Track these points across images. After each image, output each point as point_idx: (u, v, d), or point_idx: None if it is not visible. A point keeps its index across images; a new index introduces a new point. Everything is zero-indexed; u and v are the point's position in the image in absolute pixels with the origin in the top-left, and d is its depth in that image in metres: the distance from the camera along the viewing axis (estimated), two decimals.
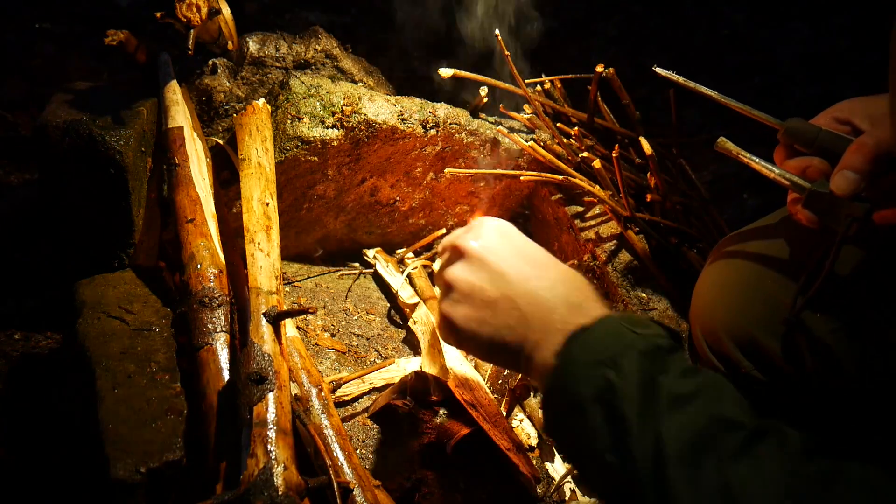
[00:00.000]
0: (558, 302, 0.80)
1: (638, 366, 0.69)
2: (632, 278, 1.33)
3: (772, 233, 1.02)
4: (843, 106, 0.95)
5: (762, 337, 0.94)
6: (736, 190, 1.99)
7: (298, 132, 1.30)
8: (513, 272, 0.83)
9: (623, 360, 0.70)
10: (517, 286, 0.82)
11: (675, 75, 1.00)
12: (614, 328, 0.74)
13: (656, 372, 0.69)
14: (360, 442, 1.12)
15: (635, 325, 0.74)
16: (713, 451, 0.63)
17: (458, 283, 0.85)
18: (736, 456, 0.62)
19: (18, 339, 1.30)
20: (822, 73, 2.41)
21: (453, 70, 1.46)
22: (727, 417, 0.65)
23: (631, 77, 1.55)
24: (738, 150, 0.93)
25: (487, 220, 0.90)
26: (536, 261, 0.86)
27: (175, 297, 1.13)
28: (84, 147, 1.16)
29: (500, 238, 0.87)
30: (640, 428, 0.66)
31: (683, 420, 0.65)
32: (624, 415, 0.67)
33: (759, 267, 1.00)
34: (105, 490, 0.87)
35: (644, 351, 0.71)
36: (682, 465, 0.63)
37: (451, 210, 1.54)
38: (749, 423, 0.65)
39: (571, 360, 0.74)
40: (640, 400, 0.67)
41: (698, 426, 0.65)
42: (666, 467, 0.63)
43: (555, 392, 0.75)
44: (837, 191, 0.83)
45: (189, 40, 1.26)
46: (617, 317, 0.77)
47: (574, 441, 0.72)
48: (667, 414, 0.65)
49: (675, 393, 0.67)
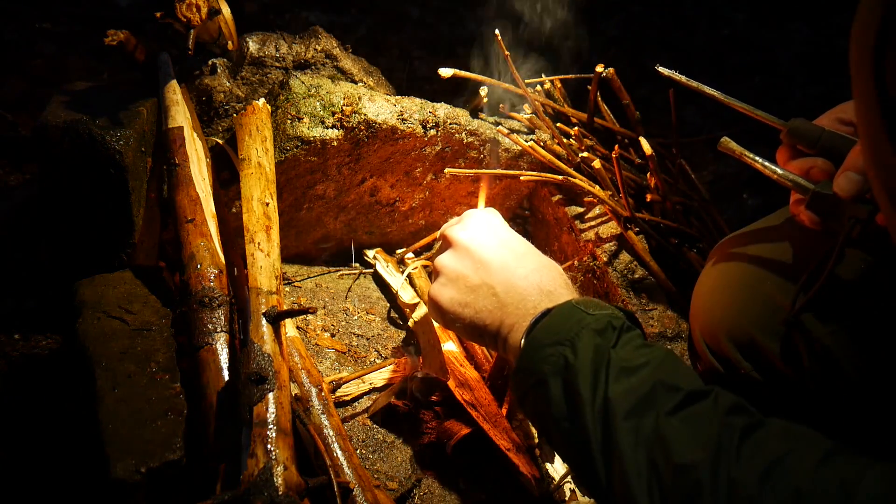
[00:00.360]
0: (532, 290, 0.90)
1: (591, 342, 0.77)
2: (632, 278, 1.33)
3: (772, 234, 1.02)
4: (847, 107, 0.94)
5: (761, 338, 0.94)
6: (736, 190, 1.99)
7: (298, 132, 1.30)
8: (494, 262, 0.93)
9: (578, 340, 0.78)
10: (496, 274, 0.92)
11: (677, 75, 1.00)
12: (571, 311, 0.82)
13: (607, 346, 0.77)
14: (360, 442, 1.13)
15: (591, 307, 0.82)
16: (652, 408, 0.71)
17: (445, 269, 0.96)
18: (672, 411, 0.70)
19: (18, 339, 1.30)
20: (822, 73, 2.41)
21: (453, 70, 1.46)
22: (669, 383, 0.73)
23: (631, 77, 1.55)
24: (742, 150, 0.93)
25: (476, 213, 1.02)
26: (516, 251, 0.95)
27: (175, 297, 1.13)
28: (84, 147, 1.16)
29: (486, 229, 0.98)
30: (590, 396, 0.74)
31: (629, 386, 0.73)
32: (578, 387, 0.75)
33: (759, 268, 0.99)
34: (105, 490, 0.87)
35: (597, 329, 0.78)
36: (625, 420, 0.71)
37: (451, 210, 1.54)
38: (687, 387, 0.72)
39: (534, 341, 0.82)
40: (592, 372, 0.75)
41: (643, 391, 0.72)
42: (612, 425, 0.72)
43: (521, 370, 0.82)
44: (841, 192, 0.83)
45: (189, 40, 1.26)
46: (575, 301, 0.85)
47: (539, 412, 0.81)
48: (615, 382, 0.74)
49: (623, 365, 0.75)
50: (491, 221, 1.01)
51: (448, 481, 1.11)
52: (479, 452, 1.13)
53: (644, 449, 0.69)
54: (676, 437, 0.68)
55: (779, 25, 2.66)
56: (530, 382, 0.81)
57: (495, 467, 1.12)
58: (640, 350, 0.78)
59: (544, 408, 0.79)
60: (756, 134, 1.06)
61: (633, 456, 0.69)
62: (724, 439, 0.66)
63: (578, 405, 0.75)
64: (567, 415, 0.76)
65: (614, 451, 0.71)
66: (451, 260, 0.97)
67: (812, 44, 2.57)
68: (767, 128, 0.96)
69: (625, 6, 2.70)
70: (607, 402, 0.73)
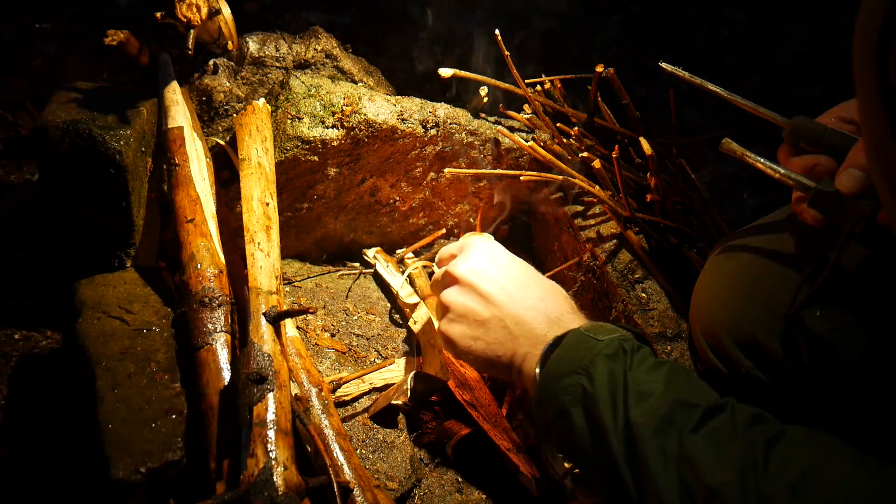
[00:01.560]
0: (540, 319, 0.93)
1: (605, 369, 0.80)
2: (632, 278, 1.33)
3: (773, 233, 1.02)
4: (848, 105, 0.95)
5: (762, 336, 0.94)
6: (736, 190, 1.99)
7: (298, 132, 1.30)
8: (500, 294, 0.96)
9: (593, 368, 0.80)
10: (504, 307, 0.95)
11: (681, 71, 1.01)
12: (582, 339, 0.85)
13: (622, 371, 0.79)
14: (360, 442, 1.12)
15: (599, 332, 0.85)
16: (674, 427, 0.73)
17: (452, 305, 0.99)
18: (694, 429, 0.72)
19: (18, 339, 1.30)
20: (822, 73, 2.41)
21: (453, 70, 1.46)
22: (686, 400, 0.75)
23: (631, 77, 1.55)
24: (743, 150, 0.93)
25: (475, 242, 1.05)
26: (520, 280, 0.98)
27: (175, 297, 1.12)
28: (84, 147, 1.16)
29: (487, 260, 1.01)
30: (612, 421, 0.76)
31: (649, 408, 0.75)
32: (599, 415, 0.78)
33: (760, 266, 0.99)
34: (105, 490, 0.87)
35: (609, 354, 0.81)
36: (651, 441, 0.73)
37: (451, 210, 1.54)
38: (704, 403, 0.75)
39: (550, 373, 0.85)
40: (611, 398, 0.78)
41: (662, 411, 0.75)
42: (636, 446, 0.74)
43: (541, 402, 0.85)
44: (843, 189, 0.83)
45: (189, 40, 1.26)
46: (584, 328, 0.87)
47: (565, 441, 0.83)
48: (635, 405, 0.76)
49: (640, 389, 0.77)
50: (491, 250, 1.03)
51: (448, 481, 1.11)
52: (480, 452, 1.13)
53: (674, 469, 0.71)
54: (703, 457, 0.70)
55: (779, 25, 2.66)
56: (552, 413, 0.83)
57: (495, 467, 1.12)
58: (654, 371, 0.80)
59: (570, 436, 0.81)
60: (756, 134, 1.06)
61: (663, 476, 0.71)
62: (749, 456, 0.68)
63: (602, 431, 0.77)
64: (592, 441, 0.79)
65: (644, 472, 0.73)
66: (458, 296, 0.99)
67: (812, 44, 2.57)
68: (767, 128, 0.96)
69: (625, 6, 2.69)
70: (630, 426, 0.75)
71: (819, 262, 0.89)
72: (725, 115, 2.18)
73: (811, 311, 0.90)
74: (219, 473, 0.85)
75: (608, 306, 1.32)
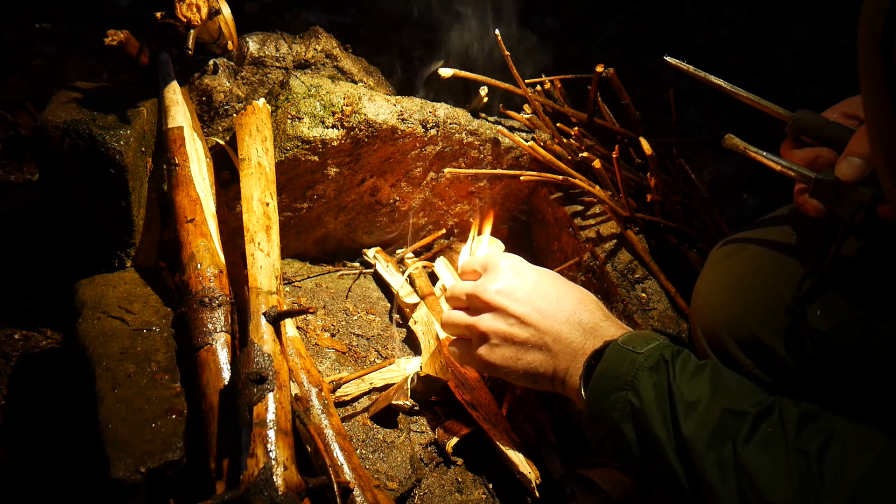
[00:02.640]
0: (576, 331, 0.96)
1: (650, 382, 0.82)
2: (632, 278, 1.33)
3: (773, 232, 1.02)
4: (851, 102, 0.95)
5: (763, 335, 0.94)
6: (736, 190, 1.99)
7: (298, 132, 1.30)
8: (534, 315, 0.99)
9: (637, 383, 0.83)
10: (539, 326, 0.98)
11: (685, 65, 1.01)
12: (622, 354, 0.87)
13: (666, 381, 0.81)
14: (360, 442, 1.12)
15: (638, 344, 0.87)
16: (728, 438, 0.75)
17: (491, 332, 1.01)
18: (746, 440, 0.74)
19: (18, 339, 1.30)
20: (822, 73, 2.41)
21: (453, 70, 1.46)
22: (734, 409, 0.77)
23: (631, 77, 1.55)
24: (746, 145, 0.94)
25: (499, 262, 1.05)
26: (551, 295, 1.00)
27: (175, 297, 1.12)
28: (84, 147, 1.16)
29: (515, 279, 1.02)
30: (666, 435, 0.79)
31: (699, 420, 0.78)
32: (651, 429, 0.80)
33: (760, 265, 1.00)
34: (105, 490, 0.87)
35: (651, 367, 0.83)
36: (706, 453, 0.75)
37: (451, 210, 1.54)
38: (752, 409, 0.77)
39: (596, 390, 0.87)
40: (660, 412, 0.80)
41: (713, 422, 0.77)
42: (694, 460, 0.76)
43: (592, 420, 0.89)
44: (843, 177, 0.83)
45: (189, 40, 1.26)
46: (622, 340, 0.89)
47: (621, 454, 0.86)
48: (685, 419, 0.78)
49: (686, 399, 0.79)
50: (516, 268, 1.05)
51: (448, 481, 1.11)
52: (480, 452, 1.13)
53: (733, 482, 0.74)
54: (760, 470, 0.72)
55: (779, 25, 2.66)
56: (605, 430, 0.86)
57: (496, 467, 1.12)
58: (697, 376, 0.82)
59: (625, 450, 0.85)
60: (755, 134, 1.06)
61: (723, 489, 0.74)
62: (804, 470, 0.70)
63: (657, 446, 0.80)
64: (648, 454, 0.82)
65: (704, 484, 0.75)
66: (494, 322, 1.01)
67: (812, 44, 2.57)
68: (766, 128, 0.96)
69: (625, 6, 2.70)
70: (684, 440, 0.78)
71: (821, 257, 0.89)
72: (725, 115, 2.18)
73: (812, 309, 0.90)
74: (219, 473, 0.85)
75: (608, 306, 1.32)
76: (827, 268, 0.88)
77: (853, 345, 0.88)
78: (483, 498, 1.10)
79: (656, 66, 1.01)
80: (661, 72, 2.23)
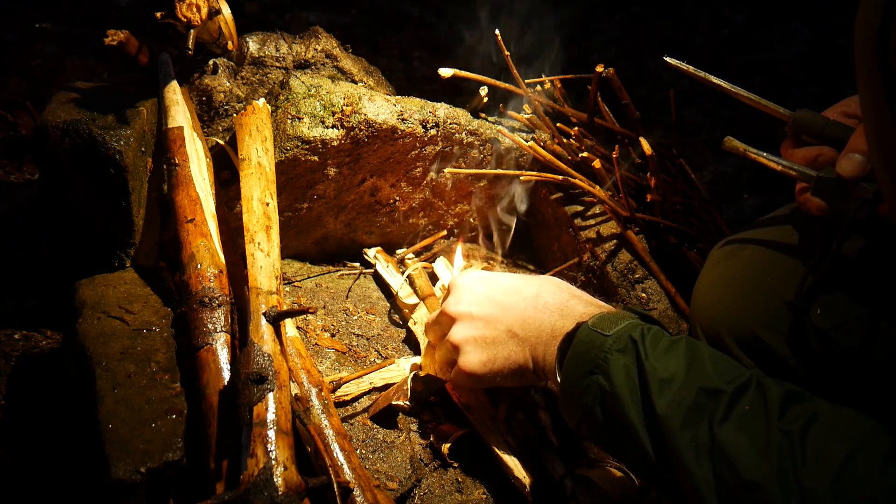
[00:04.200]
0: (543, 315, 0.95)
1: (620, 364, 0.81)
2: (632, 278, 1.33)
3: (773, 231, 1.02)
4: (851, 101, 0.96)
5: (763, 334, 0.95)
6: (736, 190, 1.99)
7: (298, 132, 1.30)
8: (495, 309, 0.98)
9: (607, 366, 0.81)
10: (504, 317, 0.97)
11: (685, 65, 1.01)
12: (590, 337, 0.85)
13: (636, 362, 0.80)
14: (360, 442, 1.12)
15: (606, 326, 0.85)
16: (703, 417, 0.73)
17: (461, 341, 1.01)
18: (722, 419, 0.72)
19: (18, 339, 1.30)
20: (822, 73, 2.41)
21: (453, 70, 1.46)
22: (710, 387, 0.75)
23: (631, 77, 1.55)
24: (745, 146, 0.93)
25: (457, 280, 1.07)
26: (509, 287, 1.00)
27: (175, 297, 1.12)
28: (84, 147, 1.16)
29: (472, 286, 1.03)
30: (638, 417, 0.78)
31: (673, 398, 0.76)
32: (623, 411, 0.79)
33: (760, 265, 1.00)
34: (105, 490, 0.87)
35: (620, 349, 0.82)
36: (681, 432, 0.74)
37: (451, 210, 1.54)
38: (728, 387, 0.75)
39: (568, 375, 0.86)
40: (631, 394, 0.79)
41: (688, 400, 0.75)
42: (668, 439, 0.75)
43: (566, 405, 0.88)
44: (844, 173, 0.83)
45: (189, 40, 1.26)
46: (590, 323, 0.87)
47: (595, 437, 0.86)
48: (659, 397, 0.76)
49: (660, 376, 0.78)
50: (472, 275, 1.06)
51: (448, 481, 1.11)
52: (480, 453, 1.13)
53: (708, 462, 0.72)
54: (736, 449, 0.70)
55: (779, 25, 2.66)
56: (579, 414, 0.86)
57: (494, 468, 1.12)
58: (671, 352, 0.80)
59: (599, 432, 0.84)
60: (755, 134, 1.06)
61: (698, 470, 0.72)
62: (785, 447, 0.68)
63: (629, 428, 0.79)
64: (621, 435, 0.81)
65: (678, 465, 0.74)
66: (462, 330, 1.01)
67: (812, 44, 2.57)
68: (765, 128, 0.96)
69: (625, 6, 2.70)
70: (658, 420, 0.76)
71: (822, 254, 0.89)
72: (725, 115, 2.18)
73: (812, 308, 0.90)
74: (219, 473, 0.85)
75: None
76: (829, 266, 0.87)
77: (854, 344, 0.88)
78: (483, 498, 1.10)
79: (656, 66, 1.01)
80: (661, 72, 2.23)
